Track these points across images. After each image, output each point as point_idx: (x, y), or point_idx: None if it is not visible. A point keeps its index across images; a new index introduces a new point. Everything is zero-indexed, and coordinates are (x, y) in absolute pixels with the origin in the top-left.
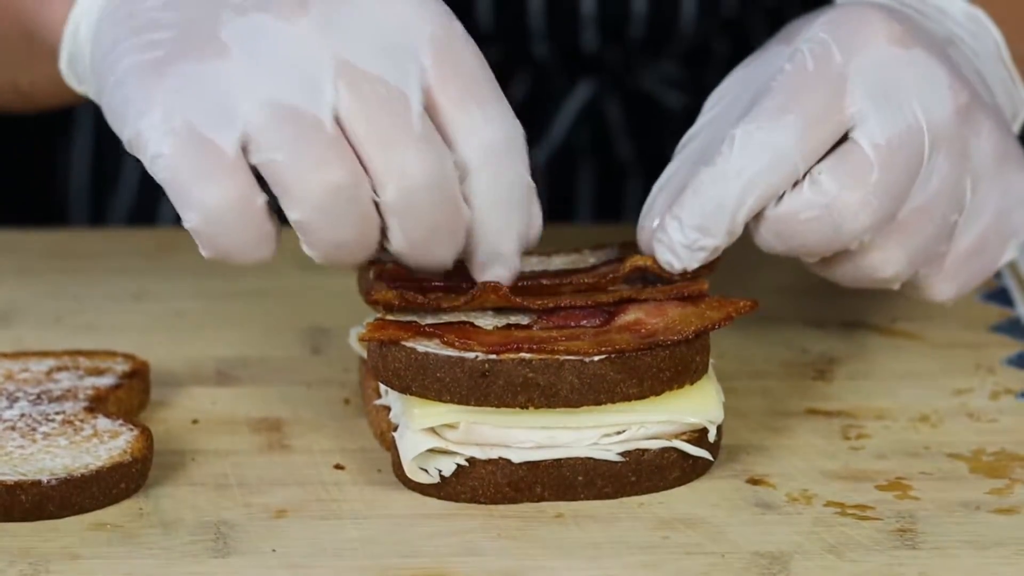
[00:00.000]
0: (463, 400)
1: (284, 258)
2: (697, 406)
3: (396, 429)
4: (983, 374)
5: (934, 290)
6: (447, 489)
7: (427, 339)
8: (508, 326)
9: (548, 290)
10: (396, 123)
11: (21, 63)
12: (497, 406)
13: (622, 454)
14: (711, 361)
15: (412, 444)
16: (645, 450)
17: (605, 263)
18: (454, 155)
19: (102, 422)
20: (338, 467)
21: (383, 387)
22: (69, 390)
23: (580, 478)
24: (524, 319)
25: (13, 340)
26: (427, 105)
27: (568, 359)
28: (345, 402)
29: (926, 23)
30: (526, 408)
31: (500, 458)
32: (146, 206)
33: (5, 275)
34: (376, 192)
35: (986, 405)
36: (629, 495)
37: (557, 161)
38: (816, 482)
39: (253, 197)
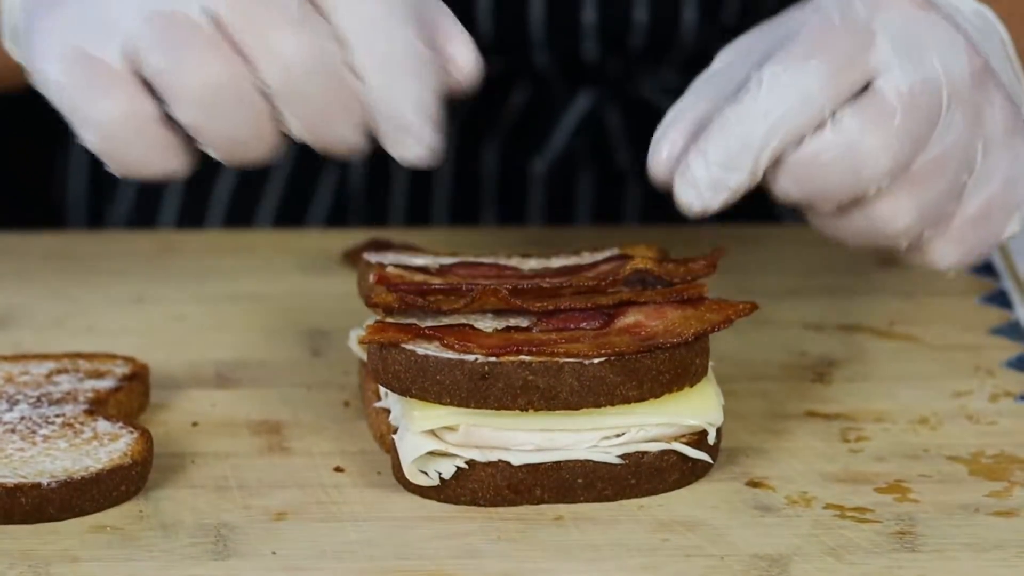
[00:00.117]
0: (463, 402)
1: (284, 261)
2: (696, 408)
3: (396, 431)
4: (982, 376)
5: (937, 254)
6: (447, 491)
7: (427, 341)
8: (508, 328)
9: (548, 292)
10: (269, 9)
11: None
12: (497, 408)
13: (622, 456)
14: (710, 363)
15: (412, 446)
16: (645, 452)
17: (605, 261)
18: (334, 30)
19: (102, 425)
20: (338, 469)
21: (383, 389)
22: (69, 393)
23: (580, 480)
24: (524, 321)
25: (13, 343)
26: None
27: (568, 361)
28: (345, 404)
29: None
30: (526, 410)
31: (500, 460)
32: (145, 214)
33: (5, 278)
34: (261, 81)
35: (985, 407)
36: (629, 497)
37: (557, 169)
38: (815, 484)
39: (144, 107)
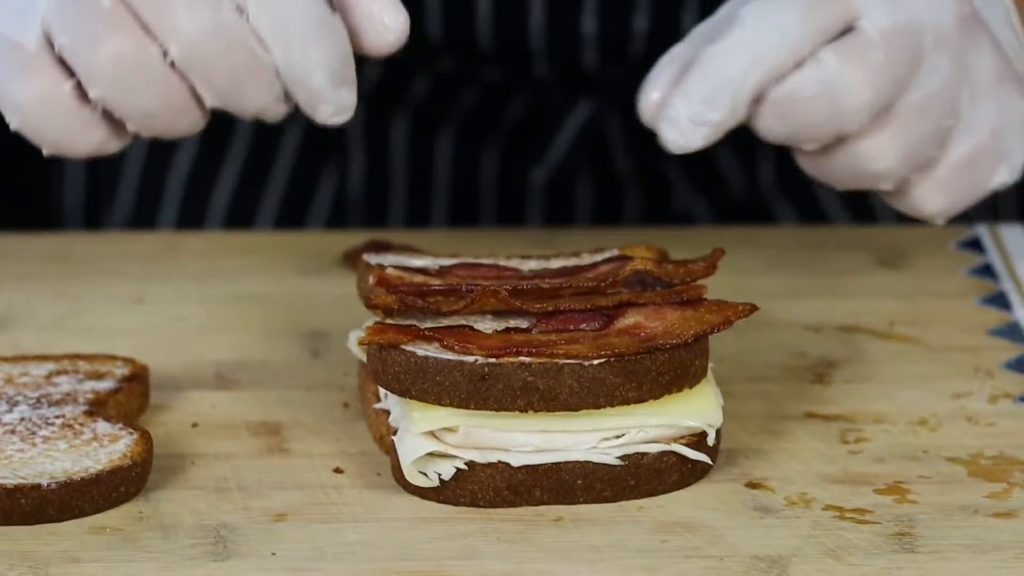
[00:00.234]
0: (462, 404)
1: (283, 262)
2: (696, 410)
3: (395, 433)
4: (982, 378)
5: (924, 199)
6: (446, 493)
7: (426, 343)
8: (507, 330)
9: (547, 293)
10: None
11: None
12: (496, 410)
13: (621, 458)
14: (710, 365)
15: (411, 448)
16: (644, 454)
17: (604, 262)
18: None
19: (102, 426)
20: (337, 471)
21: (382, 391)
22: (69, 394)
23: (579, 482)
24: (523, 323)
25: (12, 344)
26: None
27: (567, 363)
28: (344, 406)
29: None
30: (525, 412)
31: (499, 462)
32: (144, 217)
33: (5, 279)
34: (167, 55)
35: (985, 409)
36: (628, 499)
37: (556, 178)
38: (815, 486)
39: (59, 85)
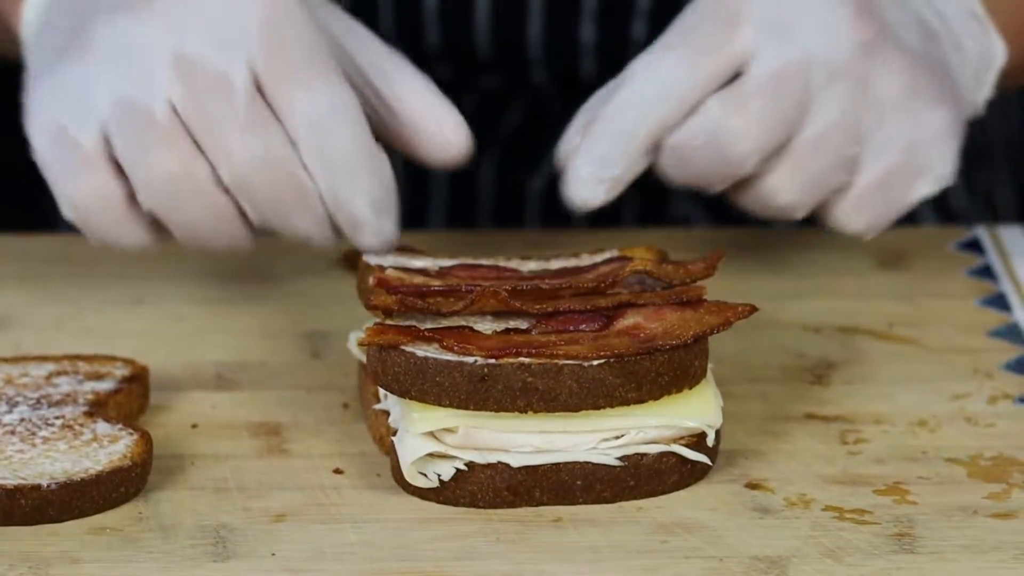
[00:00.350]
0: (462, 404)
1: (283, 263)
2: (696, 410)
3: (395, 433)
4: (981, 379)
5: (843, 220)
6: (446, 493)
7: (426, 343)
8: (507, 330)
9: (547, 294)
10: (221, 108)
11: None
12: (496, 410)
13: (621, 458)
14: (709, 366)
15: (411, 448)
16: (644, 454)
17: (604, 263)
18: (286, 130)
19: (102, 426)
20: (337, 471)
21: (382, 391)
22: (69, 394)
23: (579, 482)
24: (523, 323)
25: (12, 345)
26: (258, 85)
27: (567, 363)
28: (344, 406)
29: None
30: (525, 412)
31: (499, 462)
32: None
33: (5, 280)
34: (218, 176)
35: (984, 410)
36: (628, 499)
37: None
38: (814, 486)
39: (112, 187)
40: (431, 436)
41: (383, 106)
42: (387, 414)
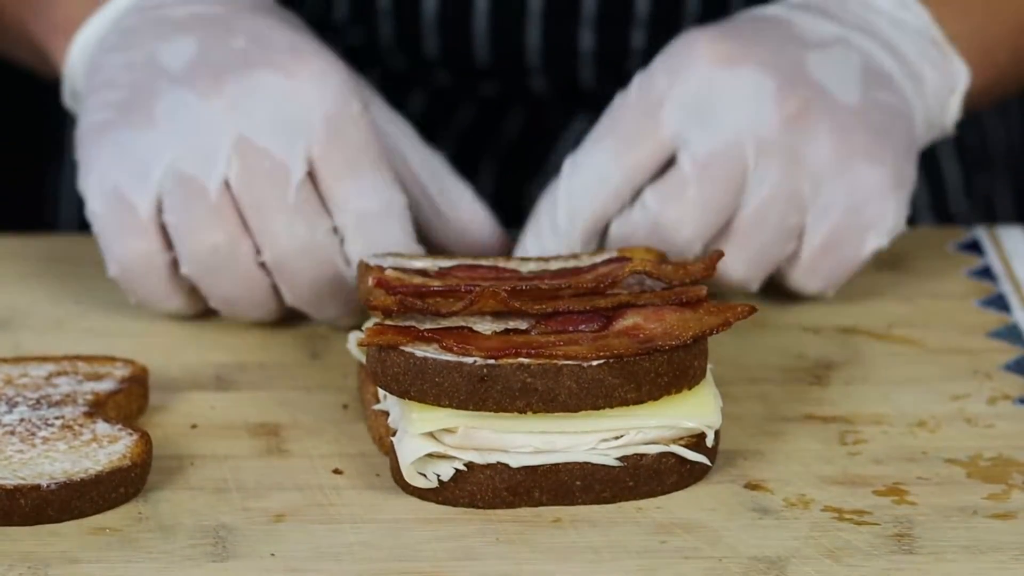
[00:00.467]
0: (461, 405)
1: None
2: (695, 411)
3: (395, 434)
4: (981, 379)
5: (800, 284)
6: (445, 494)
7: (425, 344)
8: (506, 331)
9: (546, 294)
10: (273, 194)
11: (43, 71)
12: (495, 411)
13: (620, 459)
14: (709, 366)
15: (410, 449)
16: (643, 455)
17: (604, 263)
18: (335, 221)
19: (101, 427)
20: (337, 472)
21: (382, 392)
22: (68, 395)
23: (578, 483)
24: (523, 324)
25: (12, 345)
26: (312, 176)
27: (566, 364)
28: (344, 407)
29: (802, 28)
30: (524, 413)
31: (498, 463)
32: None
33: (5, 280)
34: (259, 255)
35: (984, 410)
36: (627, 500)
37: None
38: (813, 487)
39: (158, 254)
40: (430, 436)
41: (431, 207)
42: (386, 414)
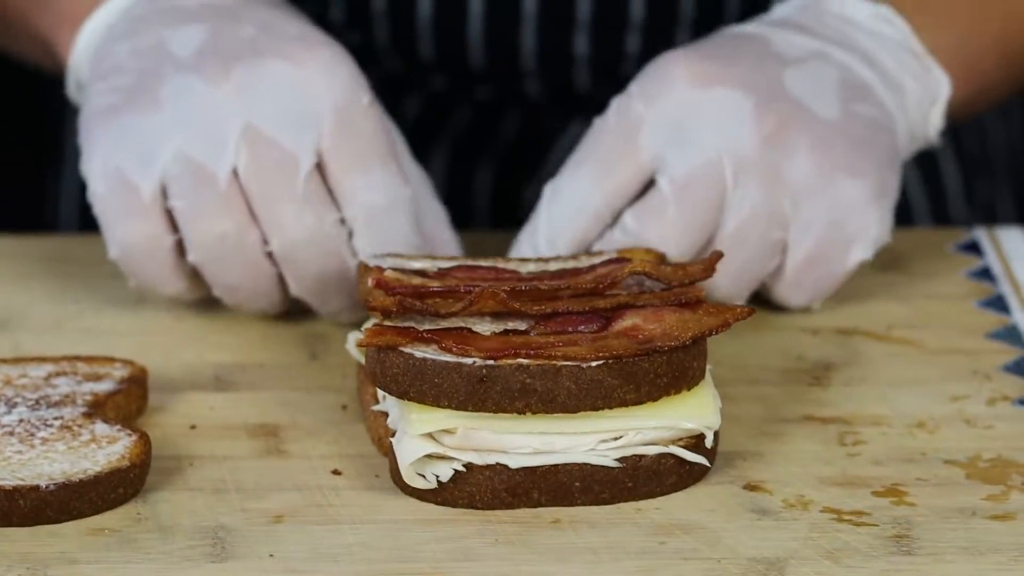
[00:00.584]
0: (460, 405)
1: None
2: (694, 412)
3: (394, 434)
4: (980, 380)
5: (785, 297)
6: (444, 494)
7: (425, 344)
8: (506, 331)
9: (546, 295)
10: (282, 184)
11: (47, 65)
12: (494, 411)
13: (619, 460)
14: (708, 367)
15: (409, 449)
16: (642, 456)
17: (603, 264)
18: (343, 214)
19: (100, 427)
20: (336, 472)
21: (381, 392)
22: (67, 395)
23: (577, 484)
24: (522, 324)
25: (12, 346)
26: (321, 167)
27: (566, 364)
28: (343, 408)
29: (779, 45)
30: (523, 413)
31: (497, 464)
32: None
33: (4, 281)
34: (266, 244)
35: (983, 411)
36: (626, 501)
37: None
38: (812, 488)
39: (162, 237)
40: (429, 437)
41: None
42: (386, 415)
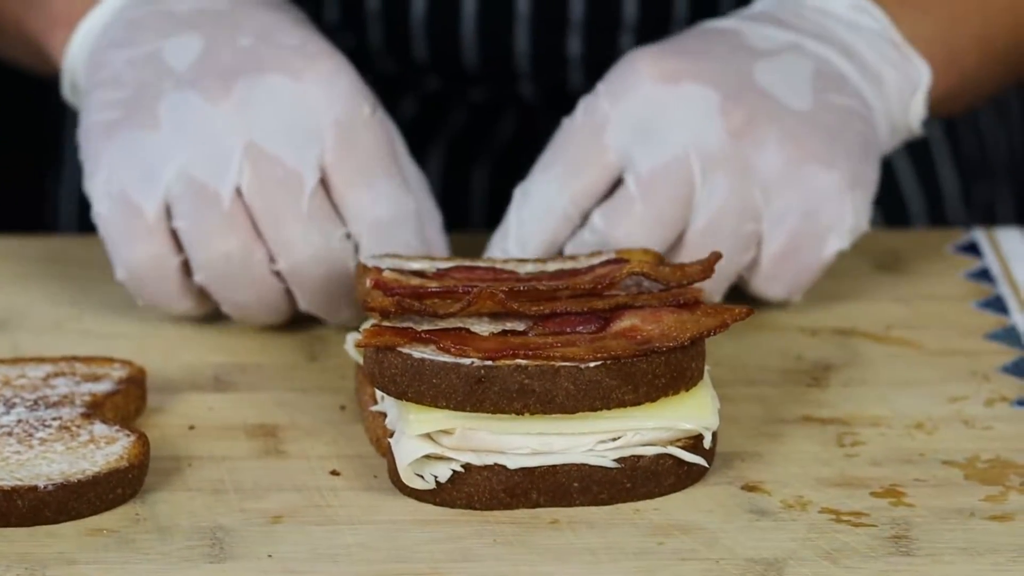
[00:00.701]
0: (459, 406)
1: None
2: (692, 412)
3: (392, 435)
4: (978, 381)
5: (762, 290)
6: (443, 495)
7: (423, 345)
8: (504, 332)
9: (544, 295)
10: (287, 203)
11: (40, 68)
12: (493, 412)
13: (617, 460)
14: (707, 368)
15: (408, 450)
16: (640, 456)
17: (601, 265)
18: (348, 229)
19: (99, 428)
20: (334, 473)
21: (379, 393)
22: (66, 396)
23: (575, 484)
24: (520, 325)
25: (10, 346)
26: (324, 183)
27: (564, 365)
28: (341, 408)
29: (752, 38)
30: (522, 414)
31: (496, 464)
32: None
33: (3, 281)
34: (273, 262)
35: (981, 412)
36: (624, 501)
37: None
38: (811, 489)
39: (168, 258)
40: (428, 438)
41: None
42: (384, 416)
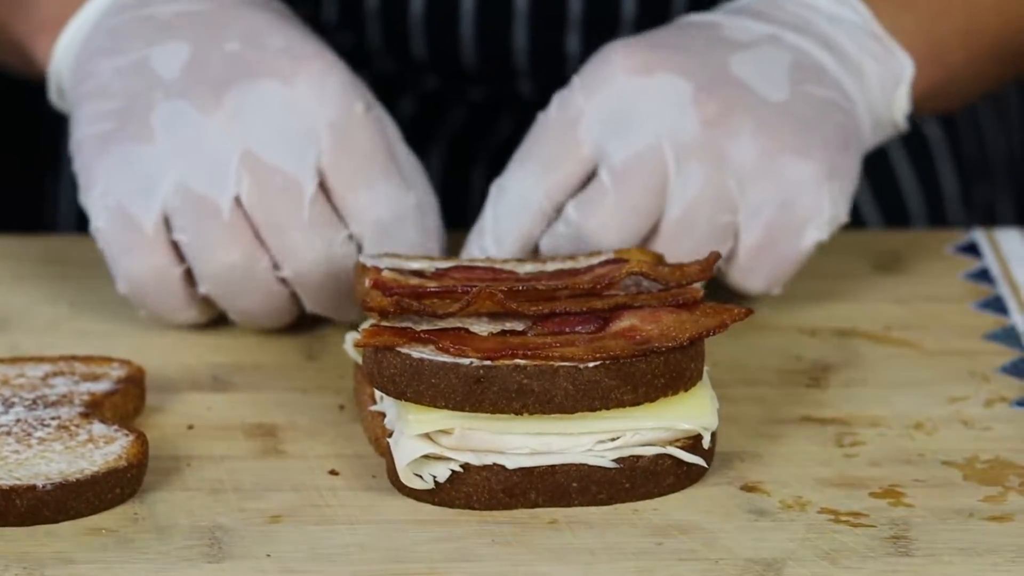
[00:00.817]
0: (458, 406)
1: None
2: (691, 413)
3: (391, 435)
4: (978, 382)
5: (740, 282)
6: (441, 495)
7: (422, 345)
8: (503, 332)
9: (543, 295)
10: (288, 210)
11: (27, 72)
12: (492, 412)
13: (616, 460)
14: (705, 368)
15: (407, 450)
16: (639, 456)
17: (600, 265)
18: (350, 230)
19: (97, 427)
20: (333, 473)
21: (378, 393)
22: (65, 395)
23: (574, 484)
24: (519, 325)
25: (9, 345)
26: (323, 186)
27: (563, 365)
28: (340, 408)
29: (731, 30)
30: (521, 414)
31: (494, 464)
32: None
33: (2, 281)
34: (277, 269)
35: (980, 413)
36: (623, 501)
37: None
38: (810, 489)
39: (170, 269)
40: (427, 438)
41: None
42: (383, 416)
